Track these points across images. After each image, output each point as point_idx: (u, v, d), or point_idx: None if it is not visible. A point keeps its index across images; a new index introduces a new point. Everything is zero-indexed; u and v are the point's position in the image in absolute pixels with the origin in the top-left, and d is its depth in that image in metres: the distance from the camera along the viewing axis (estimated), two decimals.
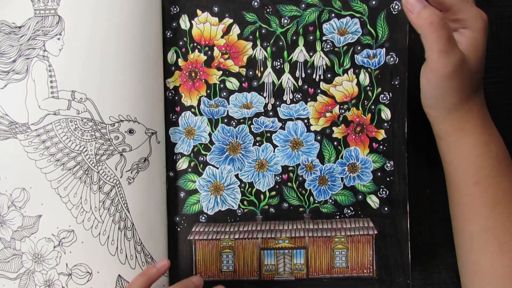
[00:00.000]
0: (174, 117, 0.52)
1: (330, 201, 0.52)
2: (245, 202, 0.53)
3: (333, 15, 0.51)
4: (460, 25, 0.47)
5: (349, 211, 0.53)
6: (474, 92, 0.48)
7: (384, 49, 0.51)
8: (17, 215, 0.49)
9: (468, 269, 0.49)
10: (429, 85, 0.47)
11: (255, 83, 0.52)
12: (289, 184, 0.53)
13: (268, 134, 0.52)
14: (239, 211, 0.53)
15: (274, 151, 0.52)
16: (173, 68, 0.52)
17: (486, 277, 0.47)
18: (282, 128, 0.52)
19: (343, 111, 0.52)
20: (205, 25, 0.51)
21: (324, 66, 0.52)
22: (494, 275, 0.46)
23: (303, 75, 0.52)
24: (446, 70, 0.45)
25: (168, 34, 0.52)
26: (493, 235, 0.47)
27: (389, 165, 0.52)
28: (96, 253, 0.50)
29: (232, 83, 0.52)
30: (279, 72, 0.52)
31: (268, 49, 0.52)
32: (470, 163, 0.48)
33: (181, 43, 0.52)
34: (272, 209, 0.53)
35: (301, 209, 0.53)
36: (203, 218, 0.53)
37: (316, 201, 0.53)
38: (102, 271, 0.50)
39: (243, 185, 0.53)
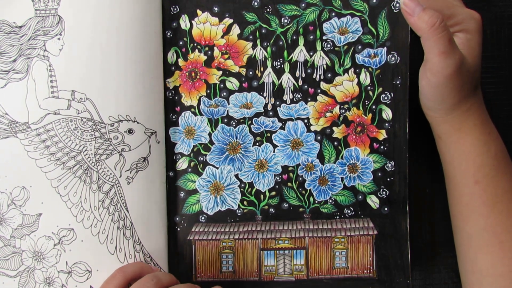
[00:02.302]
0: (174, 117, 0.52)
1: (330, 201, 0.52)
2: (245, 202, 0.53)
3: (333, 14, 0.51)
4: (455, 29, 0.47)
5: (349, 211, 0.52)
6: (473, 91, 0.47)
7: (385, 48, 0.51)
8: (17, 214, 0.50)
9: (468, 268, 0.48)
10: (429, 86, 0.47)
11: (255, 83, 0.52)
12: (289, 184, 0.52)
13: (268, 134, 0.52)
14: (239, 211, 0.53)
15: (274, 151, 0.52)
16: (173, 68, 0.52)
17: (486, 276, 0.47)
18: (282, 128, 0.52)
19: (343, 111, 0.52)
20: (205, 25, 0.51)
21: (325, 66, 0.51)
22: (494, 274, 0.46)
23: (303, 75, 0.52)
24: (446, 72, 0.45)
25: (168, 34, 0.52)
26: (493, 234, 0.46)
27: (389, 165, 0.52)
28: (95, 251, 0.50)
29: (232, 83, 0.52)
30: (279, 72, 0.52)
31: (268, 49, 0.52)
32: (470, 162, 0.47)
33: (181, 43, 0.52)
34: (272, 209, 0.53)
35: (301, 209, 0.52)
36: (203, 218, 0.53)
37: (316, 201, 0.52)
38: (102, 270, 0.50)
39: (243, 185, 0.52)
